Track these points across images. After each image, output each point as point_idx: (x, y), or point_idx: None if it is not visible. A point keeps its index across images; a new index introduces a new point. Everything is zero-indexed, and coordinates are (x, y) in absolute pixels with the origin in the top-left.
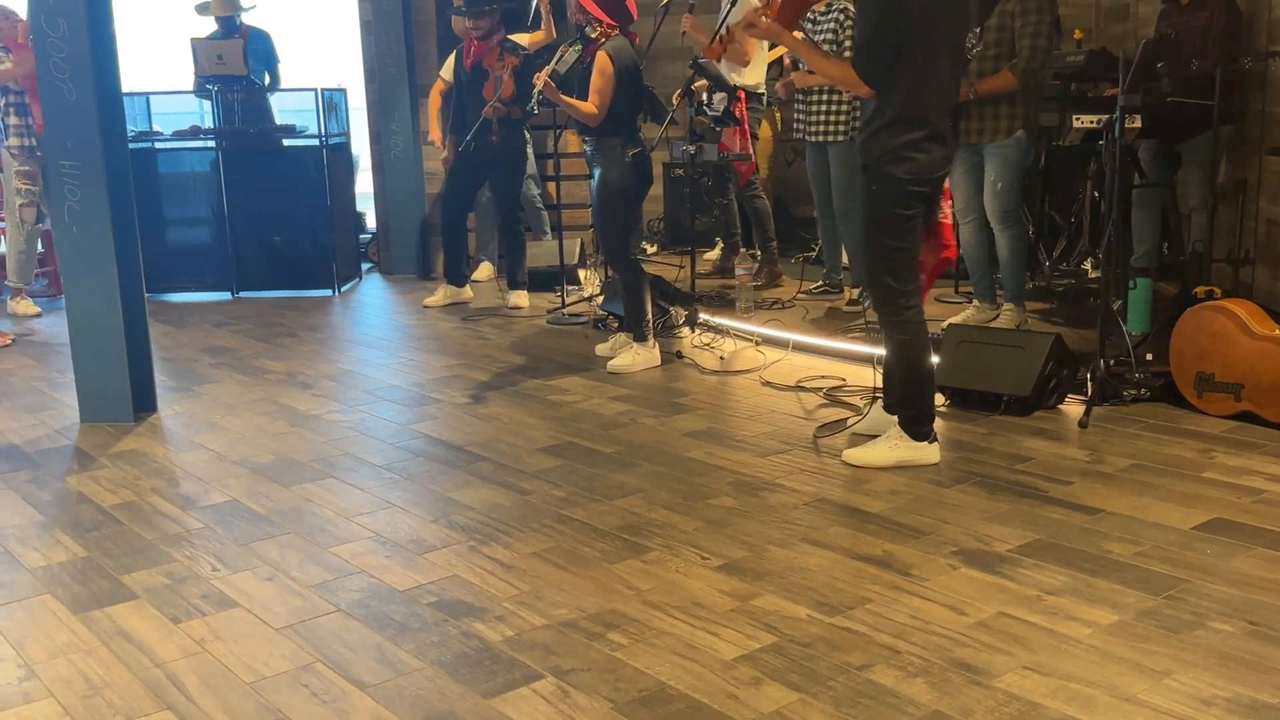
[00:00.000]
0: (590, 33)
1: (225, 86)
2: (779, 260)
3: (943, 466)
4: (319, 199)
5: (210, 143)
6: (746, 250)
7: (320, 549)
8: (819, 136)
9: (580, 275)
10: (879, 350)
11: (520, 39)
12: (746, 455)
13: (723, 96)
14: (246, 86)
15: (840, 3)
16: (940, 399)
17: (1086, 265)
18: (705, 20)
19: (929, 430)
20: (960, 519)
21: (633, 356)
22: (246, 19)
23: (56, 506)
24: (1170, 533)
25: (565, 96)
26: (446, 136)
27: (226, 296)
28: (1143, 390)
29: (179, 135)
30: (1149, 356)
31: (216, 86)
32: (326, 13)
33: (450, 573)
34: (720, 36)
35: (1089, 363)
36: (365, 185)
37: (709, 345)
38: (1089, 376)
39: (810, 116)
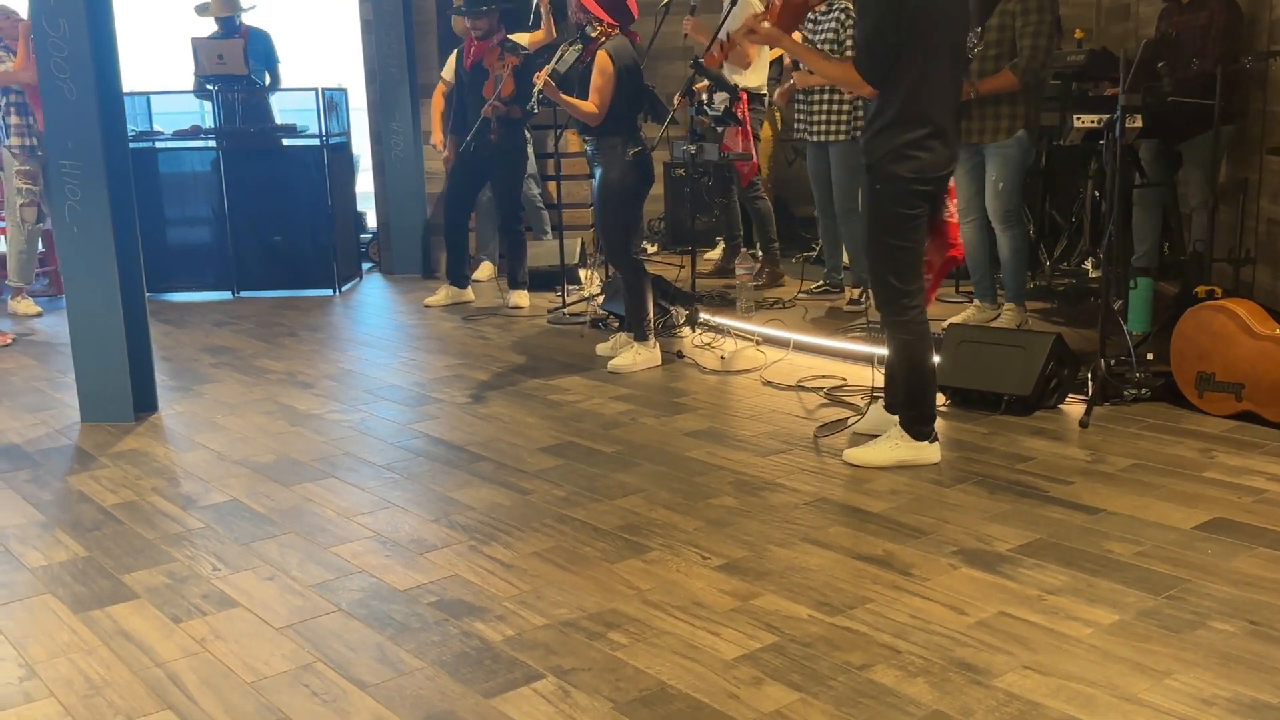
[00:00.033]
0: (591, 32)
1: (226, 86)
2: (780, 261)
3: (943, 466)
4: (320, 199)
5: (211, 142)
6: (747, 250)
7: (321, 549)
8: (820, 136)
9: (581, 275)
10: (879, 350)
11: (520, 38)
12: (747, 455)
13: (724, 96)
14: (247, 86)
15: (841, 2)
16: (941, 399)
17: (1087, 265)
18: (707, 21)
19: (930, 430)
20: (961, 519)
21: (633, 356)
22: (246, 19)
23: (57, 506)
24: (1171, 532)
25: (565, 96)
26: (448, 137)
27: (227, 296)
28: (1143, 390)
29: (180, 135)
30: (1150, 356)
31: (217, 86)
32: (327, 12)
33: (451, 572)
34: (721, 44)
35: (1090, 362)
36: (366, 185)
37: (710, 345)
38: (1090, 376)
39: (811, 116)
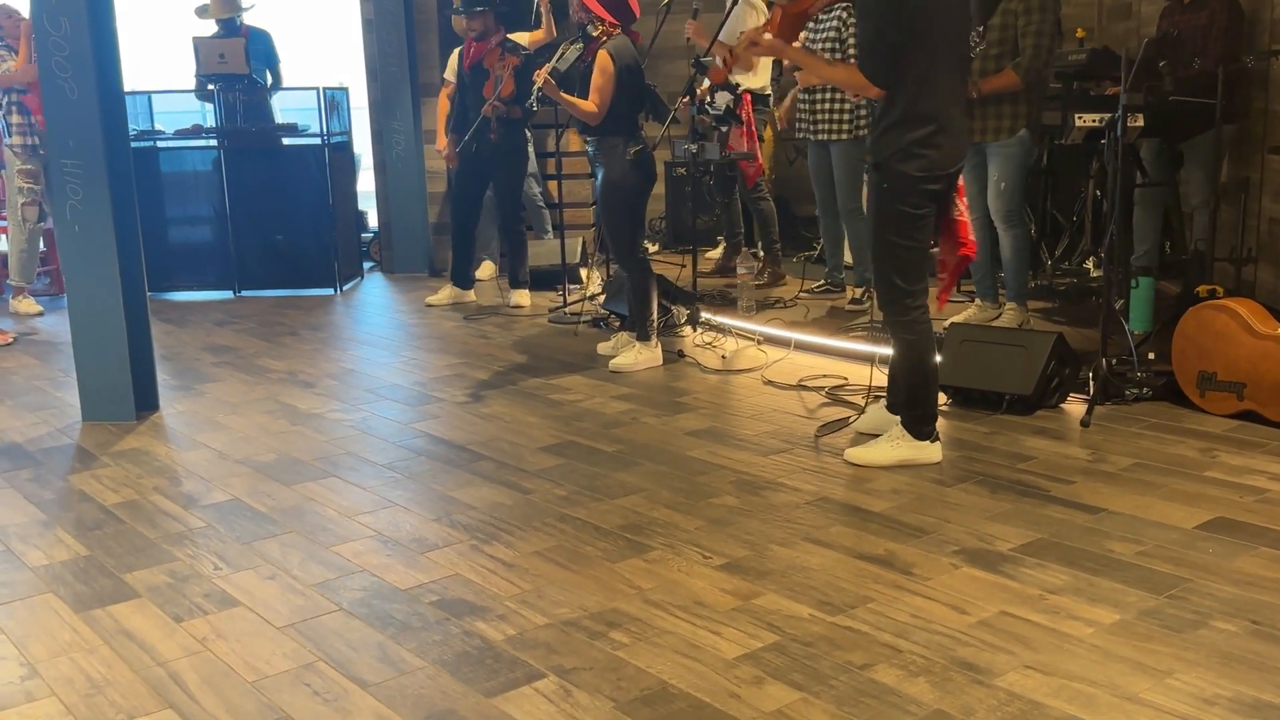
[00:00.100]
0: (592, 31)
1: (227, 85)
2: (782, 262)
3: (945, 466)
4: (321, 198)
5: (212, 141)
6: (749, 249)
7: (322, 548)
8: (821, 135)
9: (582, 274)
10: (881, 349)
11: (521, 38)
12: (748, 454)
13: (725, 96)
14: (248, 86)
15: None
16: (942, 398)
17: (1089, 264)
18: (710, 20)
19: (931, 429)
20: (962, 518)
21: (635, 355)
22: (246, 19)
23: (58, 505)
24: (1172, 532)
25: (565, 94)
26: (449, 137)
27: (228, 295)
28: (1145, 389)
29: (181, 134)
30: (1151, 355)
31: (218, 85)
32: (328, 11)
33: (452, 572)
34: (725, 60)
35: (1091, 362)
36: (367, 184)
37: (711, 344)
38: (1091, 375)
39: (813, 115)
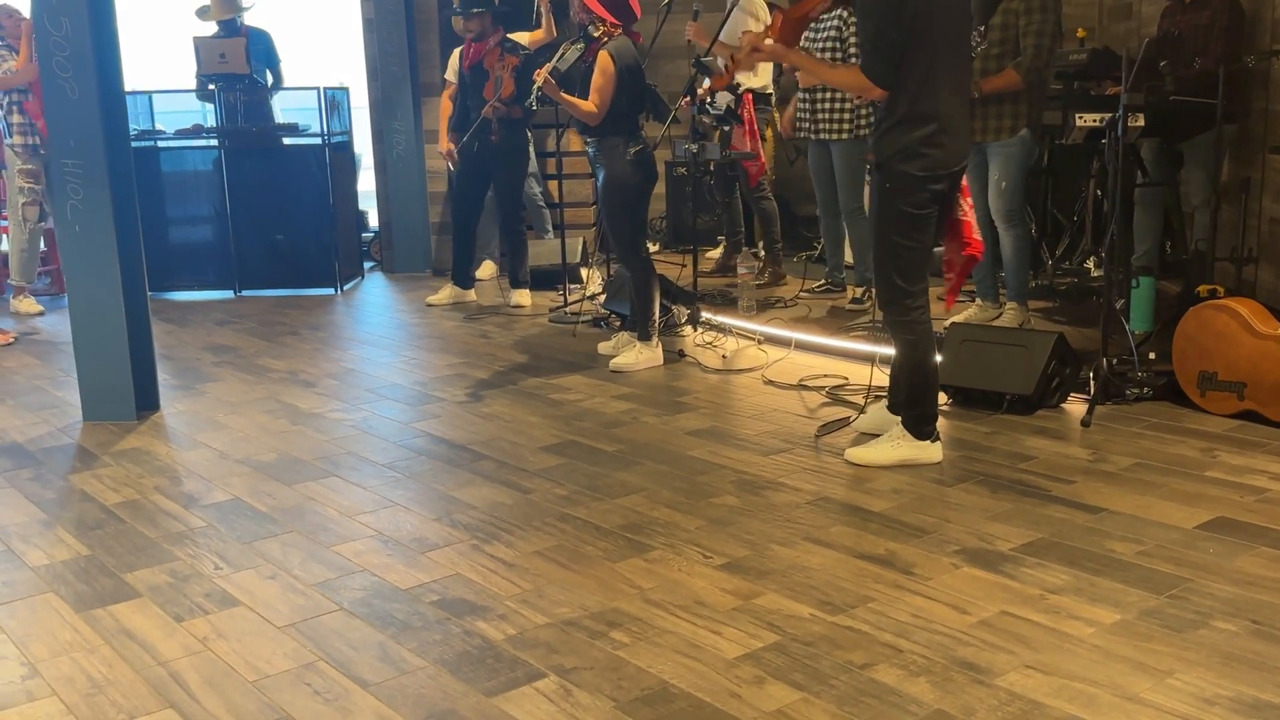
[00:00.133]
0: (593, 31)
1: (227, 85)
2: (783, 261)
3: (945, 465)
4: (321, 197)
5: (213, 141)
6: (749, 249)
7: (323, 547)
8: (822, 134)
9: (582, 274)
10: (881, 349)
11: (521, 38)
12: (749, 454)
13: (726, 96)
14: (248, 85)
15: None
16: (943, 398)
17: (1089, 264)
18: (710, 20)
19: (932, 429)
20: (963, 518)
21: (635, 355)
22: (247, 19)
23: (59, 505)
24: (1173, 532)
25: (565, 95)
26: (450, 136)
27: (229, 295)
28: (1145, 389)
29: (181, 134)
30: (1152, 355)
31: (219, 85)
32: (329, 11)
33: (453, 571)
34: (727, 66)
35: (1092, 362)
36: (368, 184)
37: (711, 344)
38: (1092, 375)
39: (813, 114)
